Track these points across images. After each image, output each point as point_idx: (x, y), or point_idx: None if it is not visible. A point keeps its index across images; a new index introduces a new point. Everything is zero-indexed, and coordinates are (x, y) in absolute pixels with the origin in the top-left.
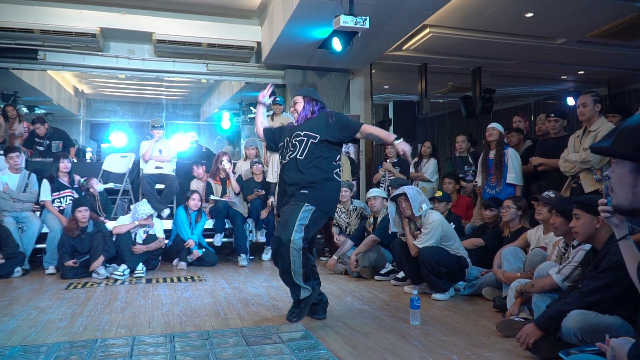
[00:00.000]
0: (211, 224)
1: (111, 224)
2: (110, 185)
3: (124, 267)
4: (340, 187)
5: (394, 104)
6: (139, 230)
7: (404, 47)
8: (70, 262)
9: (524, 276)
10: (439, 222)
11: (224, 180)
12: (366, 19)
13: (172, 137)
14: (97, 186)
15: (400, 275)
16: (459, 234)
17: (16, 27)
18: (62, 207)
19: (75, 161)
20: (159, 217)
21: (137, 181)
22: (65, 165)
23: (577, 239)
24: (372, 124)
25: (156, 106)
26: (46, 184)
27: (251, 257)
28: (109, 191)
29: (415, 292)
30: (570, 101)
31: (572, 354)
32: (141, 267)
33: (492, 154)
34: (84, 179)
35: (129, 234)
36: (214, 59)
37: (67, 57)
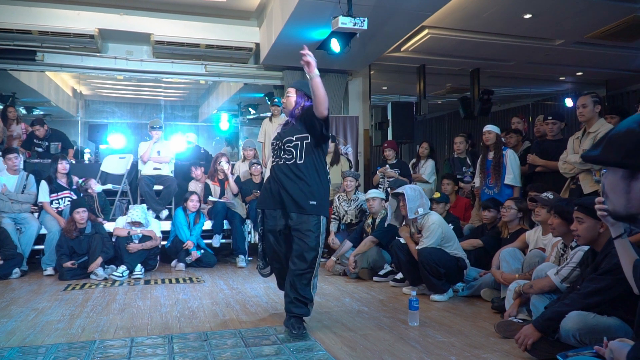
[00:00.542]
0: (209, 225)
1: (109, 225)
2: (108, 186)
3: (122, 268)
4: (329, 187)
5: (393, 105)
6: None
7: (403, 48)
8: (68, 264)
9: (523, 277)
10: (439, 223)
11: (222, 181)
12: (365, 20)
13: (170, 138)
14: (96, 187)
15: (398, 276)
16: (458, 235)
17: (14, 28)
18: (60, 209)
19: (73, 162)
20: (158, 218)
21: (136, 182)
22: (63, 166)
23: (578, 242)
24: (371, 125)
25: (154, 107)
26: (44, 185)
27: (249, 259)
28: (108, 192)
29: (413, 293)
30: (568, 102)
31: (570, 356)
32: (139, 268)
33: (491, 155)
34: (82, 180)
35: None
36: (213, 60)
37: (65, 58)
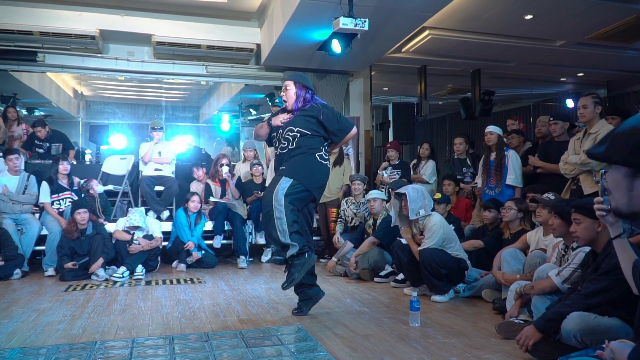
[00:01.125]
0: (210, 225)
1: (111, 226)
2: (109, 187)
3: (123, 269)
4: (322, 166)
5: (394, 106)
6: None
7: (404, 49)
8: (69, 264)
9: (524, 278)
10: (440, 224)
11: (223, 181)
12: (365, 21)
13: (171, 139)
14: (97, 188)
15: (399, 277)
16: (459, 235)
17: (15, 29)
18: (61, 209)
19: (74, 163)
20: (159, 218)
21: (137, 183)
22: (64, 167)
23: (577, 242)
24: (372, 125)
25: (155, 108)
26: (45, 186)
27: (250, 259)
28: (109, 193)
29: (414, 294)
30: (569, 103)
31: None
32: (140, 269)
33: (493, 156)
34: (84, 181)
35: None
36: (214, 61)
37: (66, 59)
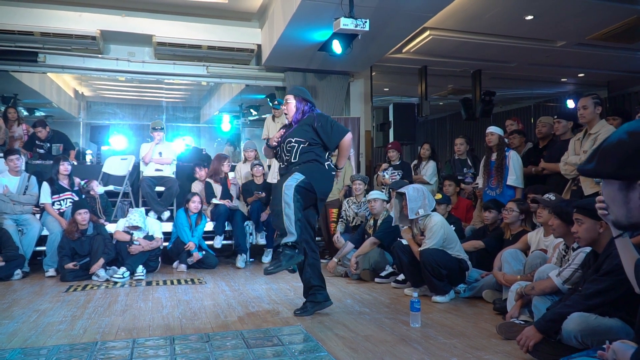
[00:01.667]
0: (211, 226)
1: (111, 227)
2: (110, 187)
3: (123, 269)
4: (330, 175)
5: (394, 107)
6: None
7: (404, 50)
8: (70, 265)
9: (524, 279)
10: (441, 224)
11: (224, 180)
12: (366, 22)
13: (172, 140)
14: (98, 188)
15: (400, 277)
16: (459, 236)
17: (16, 30)
18: (62, 210)
19: (75, 164)
20: (159, 219)
21: (137, 184)
22: (65, 167)
23: (579, 243)
24: (372, 126)
25: (156, 109)
26: (46, 186)
27: (251, 260)
28: (109, 193)
29: (415, 294)
30: (570, 104)
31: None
32: (141, 270)
33: (494, 156)
34: (84, 181)
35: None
36: (214, 62)
37: (67, 59)
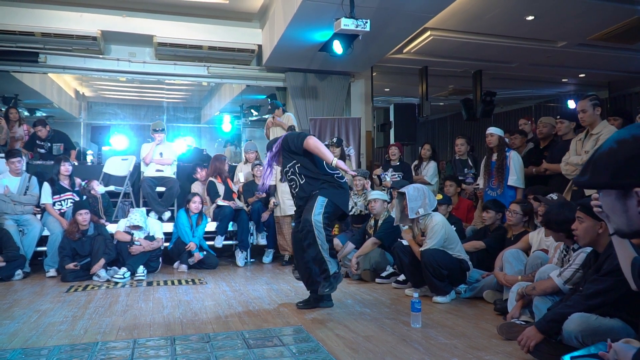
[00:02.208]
0: (212, 226)
1: (112, 227)
2: (111, 188)
3: (124, 269)
4: (344, 190)
5: (395, 107)
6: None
7: (405, 50)
8: (71, 265)
9: (525, 279)
10: (442, 224)
11: (225, 179)
12: (367, 22)
13: (173, 140)
14: (98, 189)
15: (401, 278)
16: (460, 236)
17: (17, 30)
18: (63, 210)
19: (76, 164)
20: (160, 219)
21: (138, 184)
22: (66, 168)
23: (578, 242)
24: (373, 126)
25: (157, 109)
26: (47, 186)
27: (252, 260)
28: (110, 194)
29: (416, 294)
30: (571, 104)
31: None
32: (142, 270)
33: (495, 157)
34: (85, 181)
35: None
36: (215, 62)
37: (68, 60)
